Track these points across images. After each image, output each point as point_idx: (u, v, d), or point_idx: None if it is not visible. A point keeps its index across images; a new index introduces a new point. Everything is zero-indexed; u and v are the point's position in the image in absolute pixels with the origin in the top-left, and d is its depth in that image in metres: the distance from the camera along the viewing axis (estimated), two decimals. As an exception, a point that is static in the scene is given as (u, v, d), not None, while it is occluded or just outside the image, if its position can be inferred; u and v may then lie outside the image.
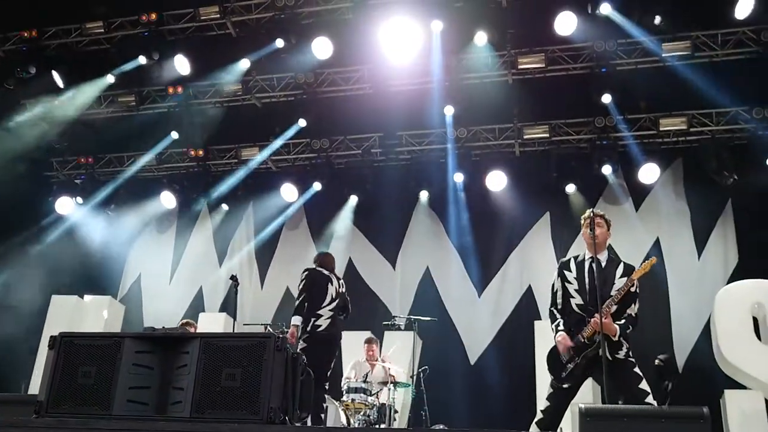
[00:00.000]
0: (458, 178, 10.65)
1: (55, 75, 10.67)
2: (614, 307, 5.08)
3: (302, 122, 10.77)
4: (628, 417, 4.28)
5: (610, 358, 4.91)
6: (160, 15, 10.23)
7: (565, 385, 5.08)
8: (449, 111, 10.33)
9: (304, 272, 7.28)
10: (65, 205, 11.73)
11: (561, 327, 5.20)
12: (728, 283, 9.16)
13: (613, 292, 5.08)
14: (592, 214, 5.28)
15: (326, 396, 7.15)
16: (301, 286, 7.15)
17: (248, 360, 2.90)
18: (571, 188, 10.40)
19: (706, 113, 9.96)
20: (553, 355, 5.23)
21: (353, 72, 10.62)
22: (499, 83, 10.24)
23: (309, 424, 5.11)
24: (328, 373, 7.09)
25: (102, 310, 10.94)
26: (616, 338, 4.99)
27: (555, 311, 5.33)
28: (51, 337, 3.09)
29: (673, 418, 4.20)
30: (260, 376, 2.85)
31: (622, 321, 5.04)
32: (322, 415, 6.89)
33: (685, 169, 10.36)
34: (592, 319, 4.97)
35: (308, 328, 6.91)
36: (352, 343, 8.19)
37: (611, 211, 10.22)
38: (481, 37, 9.34)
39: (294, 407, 3.01)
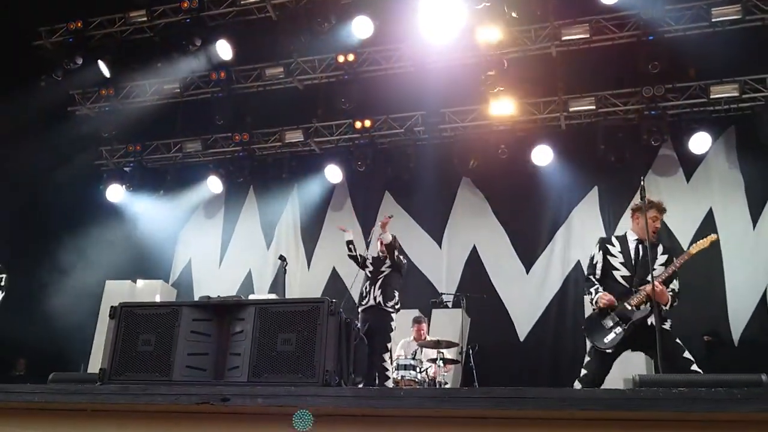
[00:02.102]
0: (503, 153, 10.51)
1: (102, 65, 10.89)
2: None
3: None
4: (683, 385, 4.22)
5: (666, 327, 4.90)
6: (201, 1, 10.35)
7: (608, 350, 5.04)
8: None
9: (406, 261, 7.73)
10: (115, 193, 11.98)
11: (600, 290, 5.20)
12: (785, 252, 8.93)
13: (656, 266, 5.08)
14: (642, 187, 5.18)
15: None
16: (402, 271, 7.63)
17: (303, 325, 2.94)
18: (619, 161, 10.19)
19: (758, 79, 9.63)
20: (593, 321, 5.20)
21: (394, 50, 10.59)
22: (542, 56, 10.09)
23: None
24: None
25: (154, 294, 11.17)
26: (668, 307, 4.98)
27: (593, 278, 5.33)
28: (111, 307, 3.19)
29: (729, 385, 4.12)
30: (315, 340, 2.89)
31: (670, 295, 5.03)
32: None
33: (738, 137, 10.04)
34: (644, 288, 4.96)
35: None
36: (401, 322, 8.20)
37: (661, 183, 10.08)
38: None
39: (348, 370, 3.05)
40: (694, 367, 4.81)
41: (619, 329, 5.02)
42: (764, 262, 8.98)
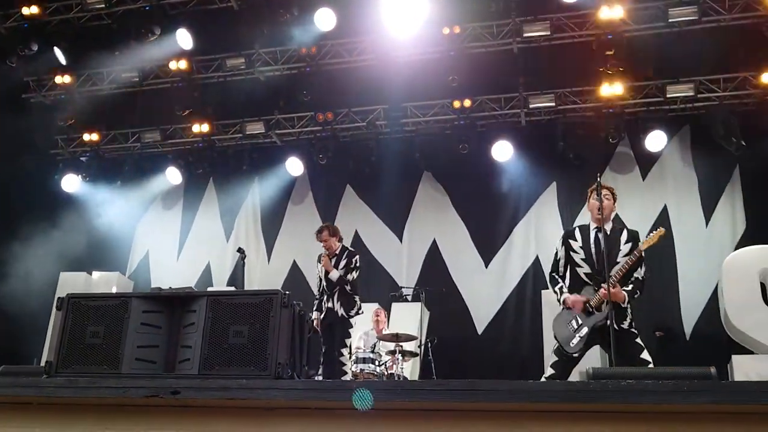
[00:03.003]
0: (464, 149, 10.55)
1: (57, 52, 10.64)
2: (621, 275, 5.11)
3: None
4: (635, 378, 4.31)
5: (617, 328, 4.95)
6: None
7: (575, 355, 5.11)
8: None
9: (357, 256, 7.50)
10: (71, 183, 11.73)
11: (565, 289, 5.23)
12: (736, 249, 9.14)
13: (619, 258, 5.10)
14: (599, 184, 5.26)
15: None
16: (358, 274, 7.47)
17: (255, 317, 2.91)
18: (577, 158, 10.31)
19: (713, 79, 9.84)
20: (561, 324, 5.23)
21: (357, 43, 10.54)
22: (504, 52, 10.16)
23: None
24: None
25: (111, 286, 10.99)
26: (625, 304, 5.02)
27: (556, 276, 5.35)
28: (58, 298, 3.12)
29: (680, 378, 4.21)
30: (267, 332, 2.87)
31: (630, 287, 5.07)
32: None
33: (693, 136, 10.28)
34: (601, 290, 4.98)
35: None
36: (360, 315, 8.19)
37: (618, 180, 10.24)
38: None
39: (301, 363, 3.03)
40: (651, 366, 4.89)
41: (582, 332, 5.08)
42: (716, 258, 9.19)
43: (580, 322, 5.11)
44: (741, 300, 8.30)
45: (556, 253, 5.42)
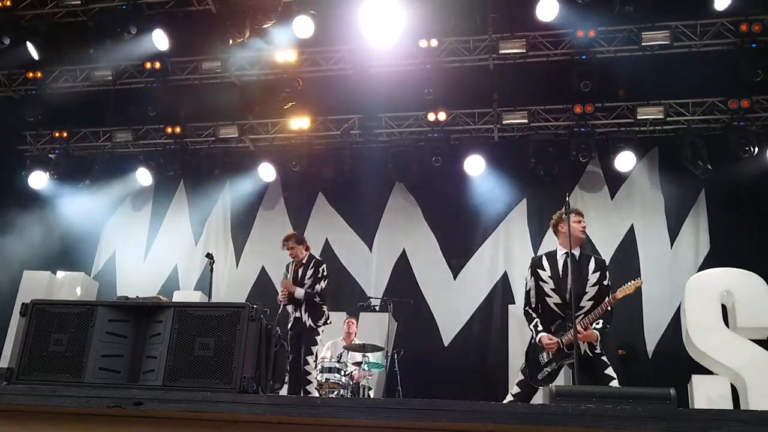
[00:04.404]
0: (436, 161, 10.62)
1: (30, 47, 10.50)
2: (590, 303, 5.18)
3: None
4: (598, 397, 4.38)
5: (591, 355, 5.03)
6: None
7: (540, 387, 5.17)
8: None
9: (324, 265, 7.53)
10: (38, 180, 11.53)
11: (540, 327, 5.25)
12: (699, 270, 9.32)
13: (587, 288, 5.17)
14: (567, 203, 5.30)
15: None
16: (327, 283, 7.50)
17: (222, 329, 2.91)
18: (548, 175, 10.42)
19: (682, 103, 10.06)
20: (533, 353, 5.28)
21: (334, 52, 10.57)
22: (479, 68, 10.27)
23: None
24: None
25: (75, 286, 10.81)
26: (597, 343, 5.10)
27: (530, 311, 5.36)
28: (23, 304, 3.08)
29: (640, 398, 4.29)
30: (233, 345, 2.87)
31: (600, 323, 5.12)
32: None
33: (661, 158, 10.46)
34: (569, 334, 5.04)
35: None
36: (329, 325, 8.19)
37: (587, 199, 10.38)
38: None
39: (267, 377, 3.03)
40: (614, 383, 4.97)
41: (550, 367, 5.15)
42: (679, 279, 9.35)
43: (550, 356, 5.17)
44: (702, 321, 8.46)
45: (526, 283, 5.46)
